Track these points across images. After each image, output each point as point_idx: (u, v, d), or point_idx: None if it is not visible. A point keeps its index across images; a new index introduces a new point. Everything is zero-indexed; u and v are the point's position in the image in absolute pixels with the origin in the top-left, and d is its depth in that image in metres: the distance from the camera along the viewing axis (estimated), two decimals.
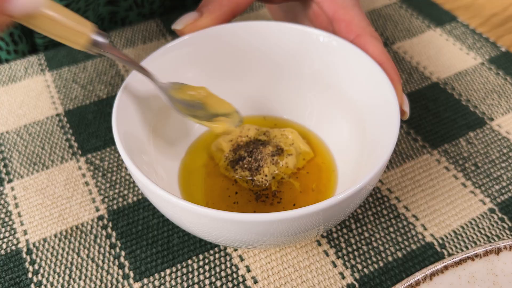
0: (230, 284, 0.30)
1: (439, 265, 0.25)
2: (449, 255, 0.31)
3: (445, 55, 0.45)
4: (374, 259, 0.31)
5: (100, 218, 0.33)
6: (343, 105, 0.34)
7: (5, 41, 0.47)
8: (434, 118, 0.39)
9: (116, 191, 0.35)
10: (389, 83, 0.29)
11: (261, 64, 0.35)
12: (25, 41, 0.48)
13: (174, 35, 0.48)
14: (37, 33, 0.48)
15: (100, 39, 0.27)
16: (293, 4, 0.38)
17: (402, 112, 0.29)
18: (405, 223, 0.33)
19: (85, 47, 0.27)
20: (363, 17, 0.33)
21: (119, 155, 0.37)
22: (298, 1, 0.36)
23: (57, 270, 0.31)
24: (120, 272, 0.30)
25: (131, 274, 0.30)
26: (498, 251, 0.26)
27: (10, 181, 0.36)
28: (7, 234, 0.33)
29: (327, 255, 0.31)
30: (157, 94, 0.32)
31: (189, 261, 0.31)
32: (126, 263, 0.31)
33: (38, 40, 0.48)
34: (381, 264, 0.30)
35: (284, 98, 0.37)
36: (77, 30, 0.26)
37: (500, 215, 0.33)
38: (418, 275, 0.25)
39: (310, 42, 0.33)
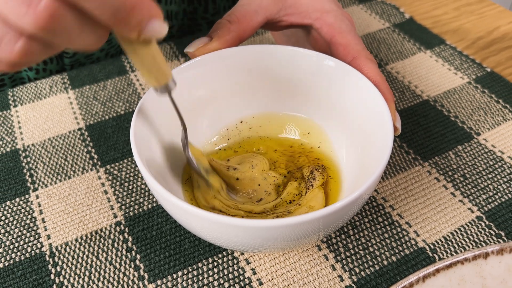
0: (237, 286, 0.30)
1: (431, 268, 0.25)
2: (440, 259, 0.31)
3: (435, 75, 0.46)
4: (371, 263, 0.31)
5: (118, 224, 0.34)
6: (342, 121, 0.34)
7: None
8: (425, 132, 0.40)
9: (133, 199, 0.35)
10: (383, 102, 0.30)
11: (266, 83, 0.36)
12: (55, 62, 0.49)
13: (186, 57, 0.49)
14: (66, 53, 0.49)
15: (172, 85, 0.27)
16: (294, 30, 0.39)
17: (394, 128, 0.29)
18: (399, 229, 0.33)
19: (161, 85, 0.26)
20: (358, 41, 0.33)
21: (136, 166, 0.38)
22: (299, 28, 0.37)
23: (78, 272, 0.31)
24: (136, 274, 0.31)
25: (146, 276, 0.31)
26: (486, 255, 0.26)
27: (35, 189, 0.36)
28: (31, 238, 0.33)
29: (327, 259, 0.31)
30: (171, 112, 0.33)
31: (199, 264, 0.31)
32: (141, 265, 0.31)
33: (66, 60, 0.49)
34: (377, 267, 0.31)
35: (287, 113, 0.37)
36: (164, 70, 0.26)
37: (487, 222, 0.33)
38: (412, 278, 0.25)
39: (310, 63, 0.34)
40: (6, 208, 0.35)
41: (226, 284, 0.30)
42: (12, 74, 0.50)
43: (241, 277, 0.30)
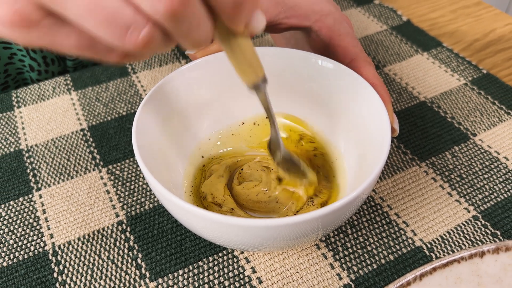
0: (237, 284, 0.30)
1: (428, 267, 0.25)
2: (437, 258, 0.31)
3: (432, 76, 0.46)
4: (369, 262, 0.31)
5: (120, 223, 0.34)
6: (340, 122, 0.34)
7: (38, 62, 0.48)
8: (422, 133, 0.40)
9: (134, 198, 0.35)
10: (381, 104, 0.30)
11: None
12: (57, 63, 0.49)
13: (188, 59, 0.49)
14: (69, 55, 0.49)
15: (265, 82, 0.26)
16: (293, 32, 0.39)
17: (392, 130, 0.29)
18: (396, 229, 0.33)
19: (255, 82, 0.25)
20: (357, 43, 0.33)
21: (138, 166, 0.38)
22: (298, 30, 0.37)
23: (80, 270, 0.31)
24: (137, 272, 0.31)
25: (147, 274, 0.31)
26: (482, 254, 0.26)
27: (38, 189, 0.36)
28: (35, 237, 0.33)
29: (326, 258, 0.31)
30: (171, 112, 0.33)
31: (200, 263, 0.31)
32: (143, 264, 0.31)
33: (68, 62, 0.49)
34: (375, 266, 0.31)
35: (286, 113, 0.37)
36: (260, 62, 0.25)
37: (483, 222, 0.33)
38: (409, 276, 0.25)
39: (309, 65, 0.34)
40: (10, 207, 0.35)
41: (226, 283, 0.30)
42: (15, 75, 0.50)
43: (241, 276, 0.30)
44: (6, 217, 0.34)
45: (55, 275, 0.31)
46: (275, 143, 0.31)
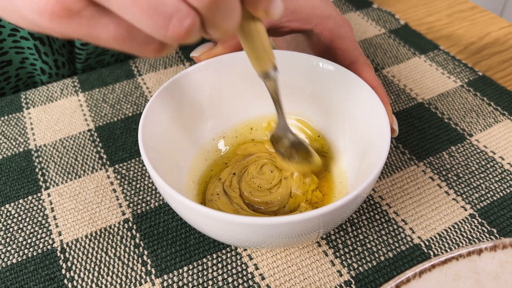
0: (240, 280, 0.30)
1: (427, 264, 0.25)
2: (435, 255, 0.30)
3: (429, 78, 0.46)
4: (368, 259, 0.31)
5: (126, 221, 0.34)
6: (341, 123, 0.34)
7: (49, 65, 0.48)
8: (420, 134, 0.40)
9: (140, 197, 0.35)
10: (381, 105, 0.29)
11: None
12: (67, 67, 0.49)
13: (192, 61, 0.48)
14: (78, 58, 0.48)
15: (276, 70, 0.26)
16: (294, 35, 0.39)
17: (392, 130, 0.29)
18: (395, 226, 0.32)
19: (267, 69, 0.25)
20: (356, 46, 0.33)
21: (143, 166, 0.37)
22: (299, 33, 0.37)
23: (88, 267, 0.31)
24: (143, 269, 0.31)
25: (153, 271, 0.30)
26: (479, 251, 0.26)
27: (47, 188, 0.36)
28: (43, 235, 0.33)
29: (326, 255, 0.31)
30: (176, 112, 0.33)
31: (204, 260, 0.31)
32: (149, 261, 0.31)
33: (78, 65, 0.49)
34: (374, 263, 0.30)
35: (288, 115, 0.37)
36: (272, 52, 0.25)
37: (480, 220, 0.33)
38: (409, 273, 0.25)
39: (310, 67, 0.34)
40: (19, 205, 0.35)
41: (230, 279, 0.30)
42: (25, 79, 0.50)
43: (244, 272, 0.30)
44: (16, 215, 0.34)
45: (63, 271, 0.30)
46: (282, 130, 0.30)
